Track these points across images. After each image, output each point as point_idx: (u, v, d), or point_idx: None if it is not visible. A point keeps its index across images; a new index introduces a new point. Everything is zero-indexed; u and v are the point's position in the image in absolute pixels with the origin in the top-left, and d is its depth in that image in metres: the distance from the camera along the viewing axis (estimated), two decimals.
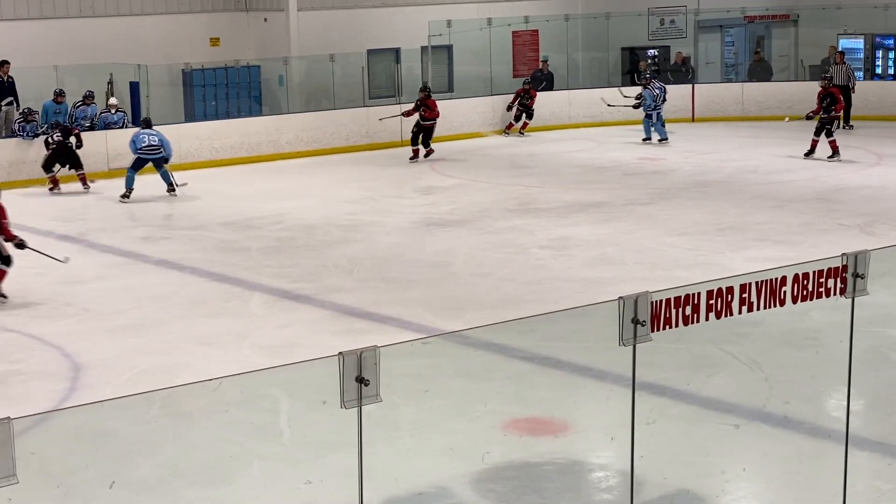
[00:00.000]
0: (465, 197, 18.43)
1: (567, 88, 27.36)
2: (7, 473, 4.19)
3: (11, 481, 4.22)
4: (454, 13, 27.58)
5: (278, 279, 13.42)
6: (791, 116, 23.56)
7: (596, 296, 11.92)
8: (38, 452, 7.21)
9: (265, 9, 26.90)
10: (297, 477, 7.84)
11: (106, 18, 25.13)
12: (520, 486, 7.78)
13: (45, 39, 24.19)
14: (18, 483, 4.26)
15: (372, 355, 4.89)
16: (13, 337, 11.42)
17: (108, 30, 24.96)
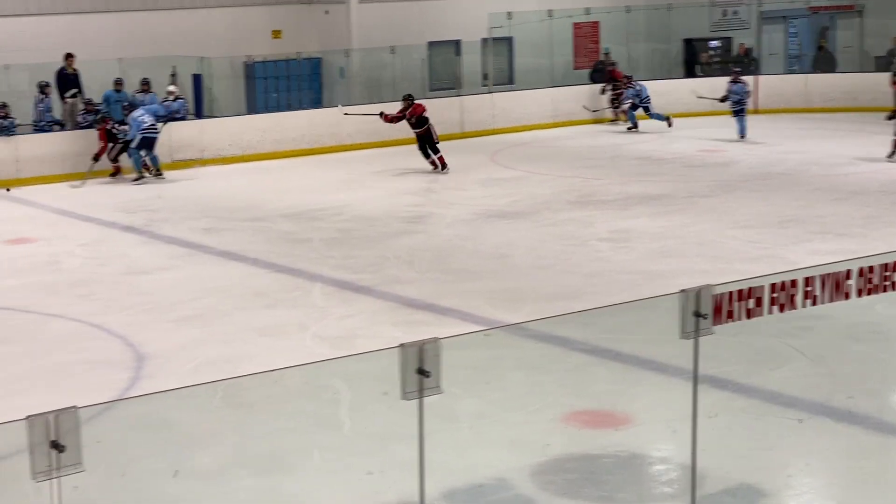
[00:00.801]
0: (525, 189, 18.38)
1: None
2: (74, 461, 4.24)
3: (78, 469, 4.27)
4: (515, 5, 27.49)
5: (339, 270, 13.46)
6: None
7: (656, 289, 11.83)
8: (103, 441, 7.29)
9: (327, 1, 26.99)
10: (358, 468, 7.85)
11: (169, 11, 25.36)
12: (579, 479, 7.74)
13: (110, 32, 24.48)
14: (85, 471, 4.31)
15: (433, 347, 4.89)
16: (78, 326, 11.54)
17: (171, 22, 25.19)
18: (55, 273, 13.79)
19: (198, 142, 21.55)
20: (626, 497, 7.60)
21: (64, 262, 14.34)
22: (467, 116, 24.17)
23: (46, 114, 21.17)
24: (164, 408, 8.03)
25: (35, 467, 4.22)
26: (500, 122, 24.46)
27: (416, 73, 25.96)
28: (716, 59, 28.87)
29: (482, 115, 24.62)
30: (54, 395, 9.34)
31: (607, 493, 7.59)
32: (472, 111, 24.51)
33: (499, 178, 19.51)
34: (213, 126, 22.18)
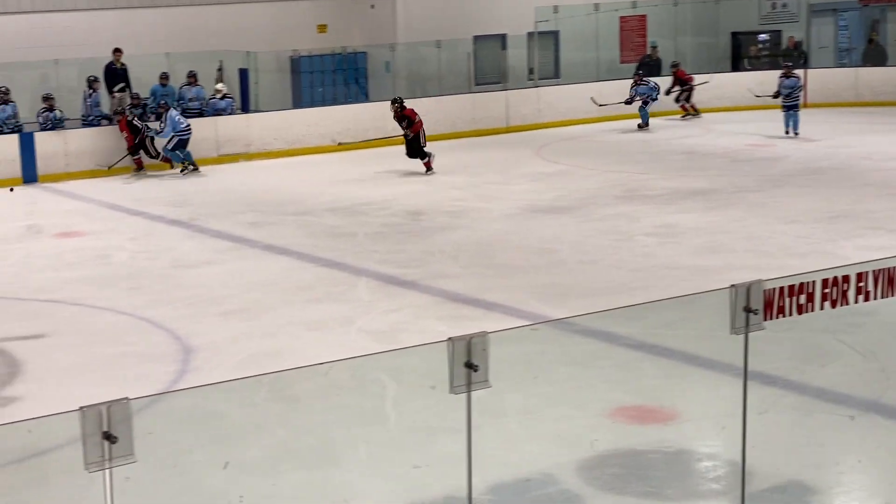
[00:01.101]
0: (570, 183, 18.35)
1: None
2: (126, 452, 4.28)
3: (130, 460, 4.30)
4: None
5: (384, 265, 13.49)
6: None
7: (703, 284, 11.77)
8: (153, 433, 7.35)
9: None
10: (405, 461, 7.87)
11: (216, 6, 25.50)
12: (626, 475, 7.72)
13: (158, 27, 24.67)
14: (136, 462, 4.35)
15: (481, 341, 4.89)
16: (126, 320, 11.64)
17: (217, 17, 25.34)
18: (104, 266, 13.90)
19: (244, 136, 21.66)
20: (672, 493, 7.57)
21: (113, 256, 14.46)
22: (513, 111, 24.14)
23: (95, 108, 21.36)
24: (212, 400, 8.08)
25: (88, 458, 4.27)
26: (545, 117, 24.42)
27: (461, 68, 25.95)
28: (764, 52, 28.67)
29: (528, 110, 24.59)
30: (104, 387, 9.43)
31: (654, 489, 7.56)
32: (518, 105, 24.48)
33: (544, 173, 19.49)
34: (259, 120, 22.29)
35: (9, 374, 10.08)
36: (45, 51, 23.08)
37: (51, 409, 5.78)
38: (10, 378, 10.00)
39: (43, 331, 11.34)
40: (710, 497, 7.53)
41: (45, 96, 20.79)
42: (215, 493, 7.44)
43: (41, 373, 10.07)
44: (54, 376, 9.99)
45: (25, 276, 13.49)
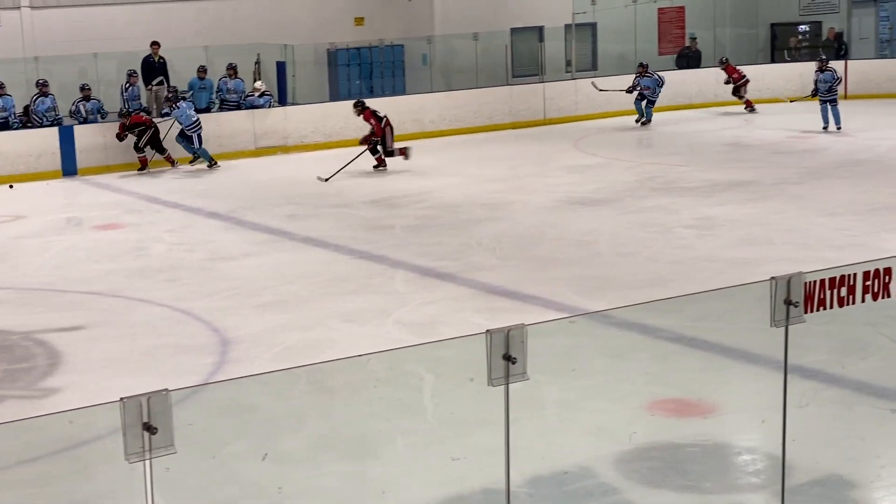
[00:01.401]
0: (608, 176, 18.30)
1: (714, 66, 26.91)
2: (166, 443, 4.30)
3: (170, 451, 4.33)
4: None
5: (422, 257, 13.50)
6: None
7: (742, 276, 11.71)
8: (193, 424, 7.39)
9: None
10: (442, 453, 7.88)
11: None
12: (664, 468, 7.70)
13: (196, 21, 24.79)
14: (176, 453, 4.37)
15: (519, 333, 4.89)
16: (164, 311, 11.70)
17: (255, 10, 25.42)
18: (143, 258, 13.99)
19: (281, 129, 21.73)
20: (711, 486, 7.54)
21: (151, 248, 14.55)
22: (550, 103, 24.10)
23: (133, 102, 21.47)
24: (250, 392, 8.11)
25: (128, 448, 4.30)
26: (583, 109, 24.37)
27: (498, 60, 25.92)
28: (804, 43, 28.49)
29: (565, 102, 24.54)
30: (143, 378, 9.50)
31: (692, 483, 7.54)
32: (555, 98, 24.44)
33: (582, 165, 19.44)
34: (297, 113, 22.35)
35: (49, 366, 10.17)
36: (85, 45, 23.24)
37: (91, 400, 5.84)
38: (51, 369, 10.09)
39: (82, 322, 11.42)
40: (750, 491, 7.50)
41: (82, 86, 20.96)
42: (254, 484, 7.48)
43: (81, 364, 10.15)
44: (94, 367, 10.06)
45: (65, 269, 13.60)
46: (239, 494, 7.36)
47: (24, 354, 10.51)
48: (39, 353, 10.53)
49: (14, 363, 10.28)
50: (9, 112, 20.26)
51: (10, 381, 9.84)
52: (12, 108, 20.32)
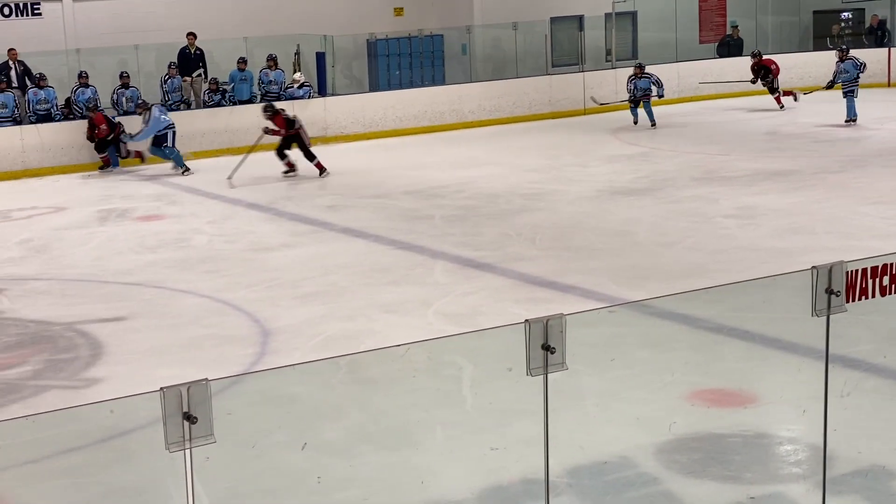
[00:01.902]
0: (648, 165, 18.23)
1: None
2: (206, 433, 4.33)
3: (209, 440, 4.35)
4: None
5: (461, 247, 13.51)
6: None
7: (784, 266, 11.64)
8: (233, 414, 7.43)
9: None
10: (482, 443, 7.89)
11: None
12: (705, 458, 7.68)
13: (235, 12, 24.87)
14: (216, 442, 4.40)
15: (558, 323, 4.88)
16: (206, 302, 11.77)
17: (294, 1, 25.47)
18: (184, 249, 14.08)
19: (321, 119, 21.79)
20: (753, 477, 7.51)
21: (192, 239, 14.63)
22: (590, 92, 24.00)
23: (173, 93, 21.59)
24: (290, 382, 8.14)
25: (169, 438, 4.32)
26: (623, 98, 24.25)
27: (538, 50, 25.86)
28: (847, 30, 28.23)
29: (605, 91, 24.44)
30: (184, 368, 9.57)
31: (734, 473, 7.51)
32: (595, 87, 24.34)
33: (622, 155, 19.38)
34: (336, 104, 22.41)
35: (92, 356, 10.26)
36: (125, 36, 23.37)
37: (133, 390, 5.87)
38: (94, 360, 10.17)
39: (124, 313, 11.51)
40: (791, 481, 7.47)
41: (121, 74, 21.12)
42: (293, 474, 7.52)
43: (123, 354, 10.23)
44: (135, 358, 10.13)
45: (107, 259, 13.70)
46: (278, 485, 7.39)
47: (67, 345, 10.60)
48: (82, 343, 10.63)
49: (57, 354, 10.38)
50: (51, 104, 20.42)
51: (54, 372, 9.93)
52: (54, 99, 20.49)
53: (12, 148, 19.17)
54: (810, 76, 25.17)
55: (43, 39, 22.93)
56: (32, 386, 9.63)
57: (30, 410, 8.96)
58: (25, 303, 12.04)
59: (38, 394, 9.43)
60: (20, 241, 14.89)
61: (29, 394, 9.45)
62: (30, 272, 13.31)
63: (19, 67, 21.33)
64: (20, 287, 12.69)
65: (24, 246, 14.61)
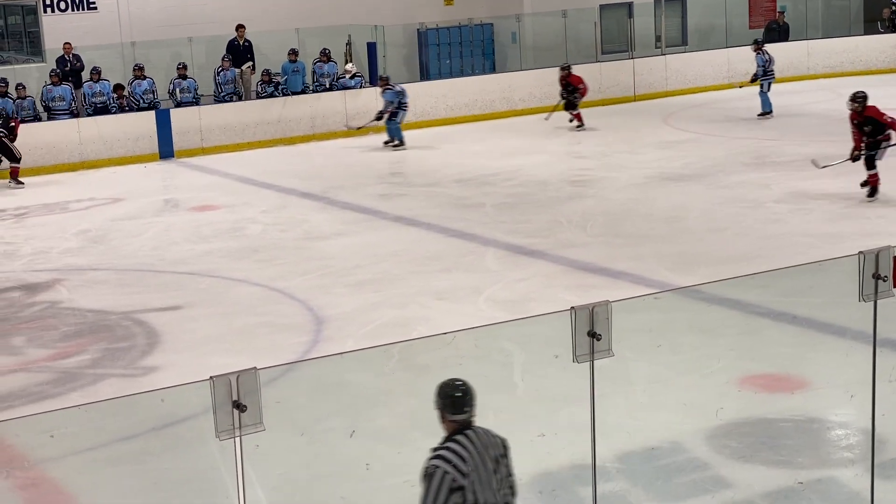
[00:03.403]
0: (698, 151, 18.11)
1: (805, 39, 26.45)
2: (255, 421, 4.36)
3: (258, 428, 4.38)
4: None
5: (512, 235, 13.49)
6: None
7: (835, 251, 11.52)
8: (284, 401, 7.47)
9: None
10: (531, 429, 7.88)
11: None
12: (755, 443, 7.64)
13: (286, 3, 24.94)
14: (265, 430, 4.43)
15: (604, 310, 4.87)
16: (260, 291, 11.84)
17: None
18: (238, 239, 14.16)
19: (372, 109, 21.78)
20: (803, 462, 7.47)
21: (246, 229, 14.71)
22: (640, 79, 23.87)
23: (226, 85, 21.72)
24: (342, 370, 8.19)
25: (219, 426, 4.36)
26: (673, 85, 24.11)
27: (588, 37, 25.73)
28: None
29: (655, 78, 24.29)
30: (240, 357, 9.63)
31: (784, 458, 7.47)
32: (645, 74, 24.20)
33: (672, 141, 19.26)
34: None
35: (148, 345, 10.36)
36: (179, 29, 23.54)
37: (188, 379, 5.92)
38: (150, 348, 10.27)
39: (180, 302, 11.61)
40: (842, 466, 7.41)
41: (179, 65, 21.27)
42: (343, 460, 7.55)
43: (179, 343, 10.32)
44: (191, 347, 10.22)
45: (163, 249, 13.82)
46: (327, 471, 7.43)
47: (124, 334, 10.71)
48: (139, 332, 10.73)
49: (114, 343, 10.49)
50: (106, 96, 20.60)
51: (111, 361, 10.04)
52: (109, 92, 20.66)
53: (70, 140, 19.35)
54: (861, 60, 24.86)
55: (98, 33, 23.14)
56: (91, 374, 9.74)
57: (88, 399, 9.08)
58: (84, 293, 12.18)
59: (96, 382, 9.54)
60: (78, 231, 15.04)
61: (87, 382, 9.56)
62: (87, 262, 13.45)
63: (75, 62, 21.53)
64: (78, 277, 12.83)
65: (82, 236, 14.76)
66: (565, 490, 7.09)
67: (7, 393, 9.36)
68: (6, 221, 15.93)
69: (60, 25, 23.10)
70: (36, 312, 11.63)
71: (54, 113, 20.15)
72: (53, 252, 14.04)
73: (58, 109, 20.19)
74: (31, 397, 9.25)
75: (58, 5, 23.47)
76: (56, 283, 12.61)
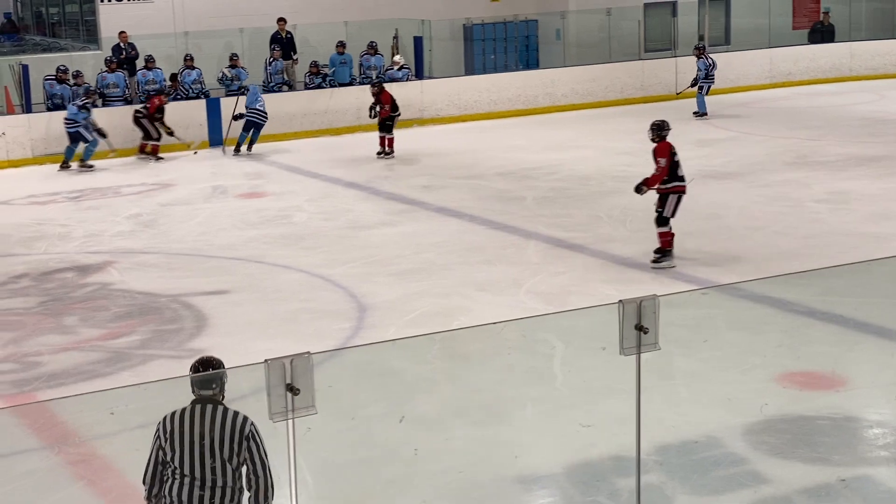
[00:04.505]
0: (739, 150, 17.99)
1: (849, 40, 26.20)
2: (307, 404, 4.36)
3: (311, 411, 4.39)
4: None
5: (553, 228, 13.46)
6: None
7: (876, 251, 11.44)
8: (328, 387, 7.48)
9: None
10: (572, 420, 7.87)
11: None
12: (793, 440, 7.58)
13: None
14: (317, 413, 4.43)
15: (651, 304, 4.84)
16: (305, 277, 11.87)
17: None
18: (284, 226, 14.19)
19: (417, 102, 21.82)
20: (841, 459, 7.40)
21: (292, 216, 14.75)
22: (682, 77, 23.69)
23: (276, 75, 21.77)
24: (386, 357, 8.20)
25: (272, 408, 4.37)
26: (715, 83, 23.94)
27: (631, 34, 25.61)
28: None
29: None
30: (284, 341, 9.66)
31: (821, 455, 7.41)
32: (688, 72, 24.01)
33: (713, 139, 19.14)
34: (432, 87, 22.40)
35: (196, 328, 10.41)
36: (230, 20, 23.64)
37: (234, 362, 5.94)
38: (197, 331, 10.32)
39: (227, 287, 11.65)
40: (880, 464, 7.34)
41: (231, 55, 21.35)
42: (390, 445, 7.56)
43: (225, 326, 10.35)
44: (237, 330, 10.26)
45: (211, 235, 13.87)
46: (376, 455, 7.44)
47: (173, 316, 10.77)
48: (187, 315, 10.79)
49: (163, 324, 10.55)
50: (159, 84, 20.69)
51: (160, 342, 10.09)
52: (162, 80, 20.75)
53: (123, 126, 19.43)
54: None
55: (153, 23, 23.26)
56: (140, 355, 9.80)
57: (138, 379, 9.13)
58: (134, 275, 12.25)
59: (146, 362, 9.60)
60: (129, 216, 15.13)
61: (137, 362, 9.62)
62: (138, 246, 13.53)
63: (129, 50, 21.65)
64: (129, 260, 12.91)
65: (133, 221, 14.85)
66: (604, 481, 7.07)
67: (60, 371, 9.44)
68: (61, 204, 16.04)
69: (116, 14, 23.26)
70: (88, 293, 11.71)
71: (109, 99, 20.25)
72: (105, 235, 14.13)
73: (112, 96, 20.30)
74: (82, 375, 9.32)
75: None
76: (108, 266, 12.69)
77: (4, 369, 9.55)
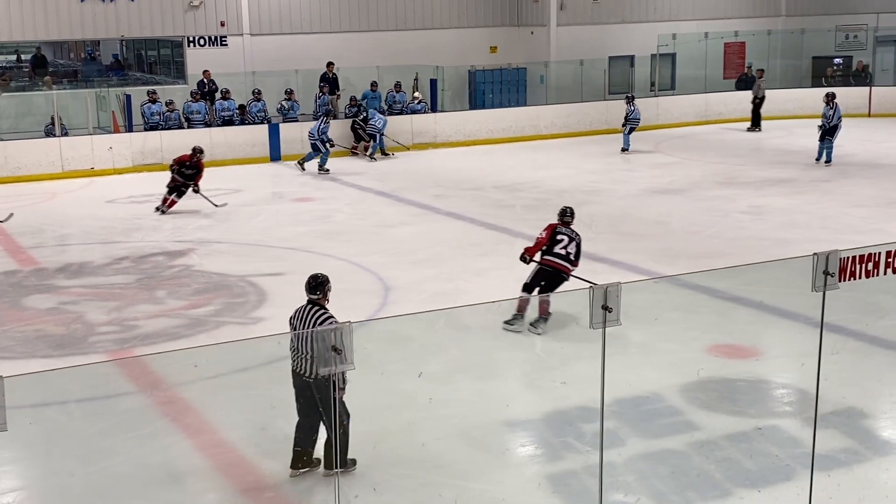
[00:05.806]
0: (681, 171, 17.94)
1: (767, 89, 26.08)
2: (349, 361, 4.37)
3: (349, 367, 4.39)
4: (678, 28, 26.86)
5: (536, 229, 13.26)
6: None
7: (785, 252, 11.41)
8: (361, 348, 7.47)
9: (532, 24, 26.84)
10: (552, 378, 7.86)
11: (414, 31, 25.70)
12: (718, 397, 7.57)
13: (370, 46, 24.97)
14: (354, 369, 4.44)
15: (615, 289, 4.83)
16: (343, 264, 11.86)
17: (415, 39, 25.53)
18: (328, 224, 14.18)
19: (432, 129, 21.79)
20: (756, 412, 7.40)
21: (334, 216, 14.73)
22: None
23: (322, 107, 21.72)
24: (405, 327, 8.19)
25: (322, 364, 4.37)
26: (663, 119, 23.91)
27: (598, 80, 25.56)
28: (838, 73, 27.50)
29: (648, 114, 23.99)
30: None
31: (740, 409, 7.41)
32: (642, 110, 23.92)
33: (661, 163, 19.09)
34: (444, 118, 22.36)
35: (258, 301, 10.40)
36: (288, 62, 23.64)
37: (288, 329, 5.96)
38: (259, 303, 10.32)
39: (283, 270, 11.64)
40: (785, 417, 7.34)
41: (287, 90, 21.31)
42: (411, 395, 7.56)
43: (281, 300, 10.33)
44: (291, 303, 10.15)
45: (272, 230, 13.86)
46: (399, 402, 7.44)
47: (240, 292, 10.76)
48: (251, 291, 10.77)
49: (232, 298, 10.54)
50: (232, 112, 20.66)
51: (230, 312, 10.09)
52: (235, 109, 20.72)
53: (203, 145, 19.29)
54: (809, 107, 24.47)
55: (228, 63, 23.25)
56: (214, 321, 9.80)
57: (212, 340, 9.12)
58: (210, 260, 12.24)
59: (219, 327, 9.59)
60: (209, 213, 15.11)
61: (211, 327, 9.62)
62: (214, 237, 13.52)
63: (210, 84, 21.62)
64: (206, 248, 12.90)
65: (211, 217, 14.83)
66: (573, 426, 7.06)
67: (152, 332, 9.44)
68: (155, 203, 16.03)
69: (200, 56, 23.26)
70: (174, 273, 11.70)
71: (192, 123, 20.22)
72: (189, 228, 14.12)
73: (195, 121, 20.26)
74: (169, 336, 9.32)
75: (198, 41, 23.61)
76: (190, 252, 12.68)
77: (109, 331, 9.55)
